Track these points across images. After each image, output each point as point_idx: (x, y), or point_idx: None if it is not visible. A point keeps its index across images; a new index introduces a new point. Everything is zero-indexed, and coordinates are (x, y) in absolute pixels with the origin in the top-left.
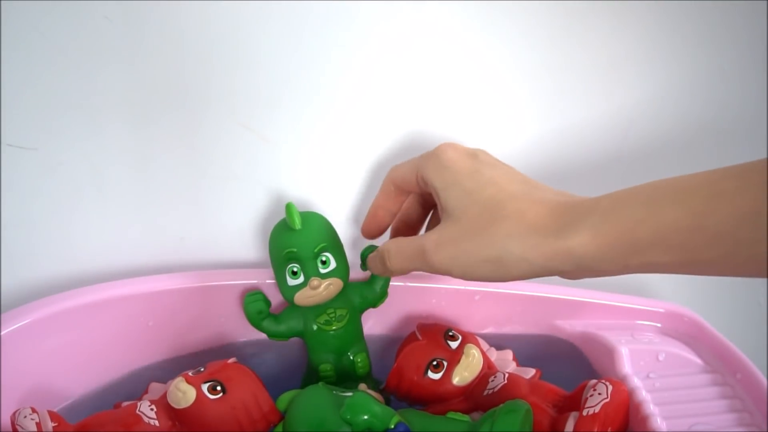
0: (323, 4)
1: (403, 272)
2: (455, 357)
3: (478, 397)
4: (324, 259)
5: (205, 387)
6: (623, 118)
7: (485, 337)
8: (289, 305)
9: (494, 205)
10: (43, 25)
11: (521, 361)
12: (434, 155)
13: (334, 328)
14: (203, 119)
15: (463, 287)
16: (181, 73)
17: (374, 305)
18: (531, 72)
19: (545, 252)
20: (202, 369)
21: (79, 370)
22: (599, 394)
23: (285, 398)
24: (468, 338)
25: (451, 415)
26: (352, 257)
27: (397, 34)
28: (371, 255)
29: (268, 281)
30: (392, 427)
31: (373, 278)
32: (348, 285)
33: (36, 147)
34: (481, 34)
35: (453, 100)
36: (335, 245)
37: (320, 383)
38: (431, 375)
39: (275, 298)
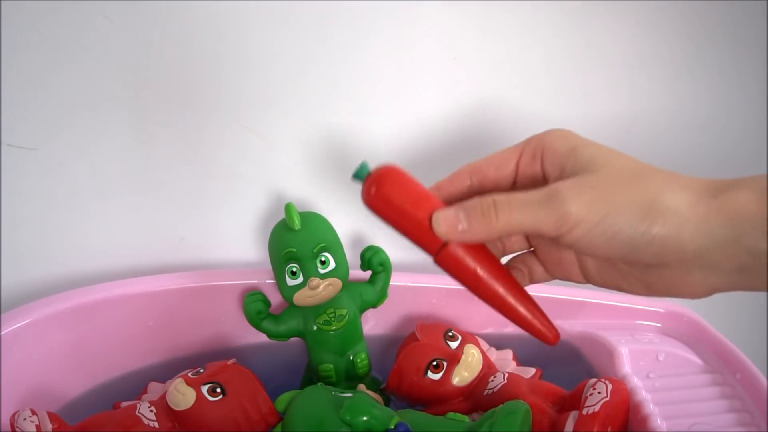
0: (323, 5)
1: (512, 231)
2: (455, 357)
3: (478, 397)
4: (323, 259)
5: (204, 389)
6: (624, 117)
7: (485, 337)
8: (289, 305)
9: (638, 168)
10: (43, 25)
11: (521, 361)
12: (549, 132)
13: (333, 328)
14: (203, 119)
15: (463, 287)
16: (181, 73)
17: (374, 305)
18: (531, 72)
19: (700, 211)
20: (202, 370)
21: (79, 369)
22: (599, 393)
23: (284, 399)
24: (468, 338)
25: (450, 415)
26: (352, 257)
27: (397, 34)
28: (456, 210)
29: (268, 281)
30: (392, 427)
31: (372, 278)
32: (348, 285)
33: (36, 147)
34: (481, 34)
35: (453, 99)
36: (335, 245)
37: (319, 384)
38: (431, 375)
39: (275, 298)
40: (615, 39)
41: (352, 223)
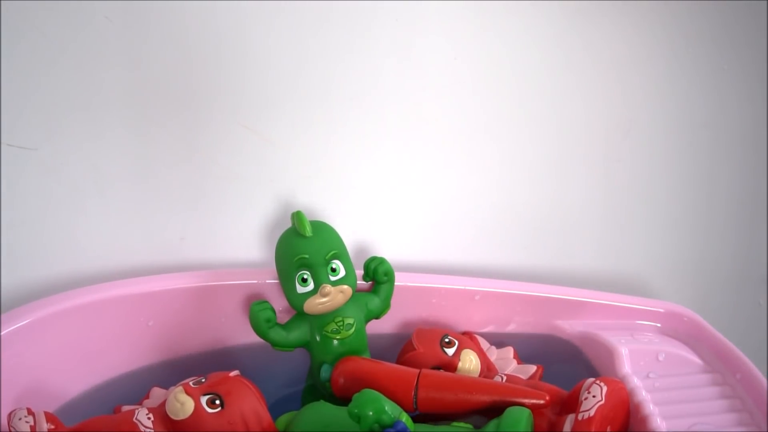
0: (324, 5)
1: None
2: (452, 364)
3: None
4: (334, 266)
5: (204, 400)
6: (623, 118)
7: (485, 336)
8: (297, 314)
9: None
10: (43, 25)
11: (522, 358)
12: None
13: (340, 337)
14: (204, 120)
15: (463, 287)
16: (181, 73)
17: (377, 316)
18: (531, 72)
19: None
20: (203, 380)
21: (79, 369)
22: (593, 396)
23: (283, 420)
24: (465, 343)
25: (455, 424)
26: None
27: (399, 34)
28: None
29: (268, 281)
30: (391, 425)
31: (376, 288)
32: (354, 295)
33: (36, 147)
34: (481, 34)
35: (454, 99)
36: (344, 253)
37: (321, 401)
38: None
39: (275, 302)
40: (614, 39)
41: (355, 228)
